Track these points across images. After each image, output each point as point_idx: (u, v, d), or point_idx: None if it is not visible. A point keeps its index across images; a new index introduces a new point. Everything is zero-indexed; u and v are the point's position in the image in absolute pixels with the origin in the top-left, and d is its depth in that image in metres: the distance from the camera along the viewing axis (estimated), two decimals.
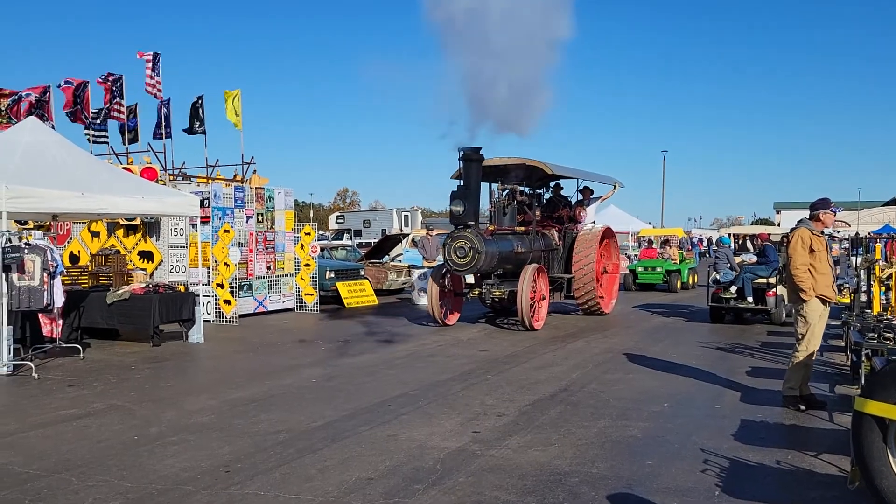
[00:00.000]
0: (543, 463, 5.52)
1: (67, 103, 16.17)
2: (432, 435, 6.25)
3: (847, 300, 11.36)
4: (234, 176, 16.75)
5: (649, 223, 47.51)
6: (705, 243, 47.38)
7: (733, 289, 13.83)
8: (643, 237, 27.30)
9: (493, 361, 9.92)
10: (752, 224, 68.33)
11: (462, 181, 12.54)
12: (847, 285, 11.74)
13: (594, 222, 16.25)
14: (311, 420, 6.72)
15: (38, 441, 6.04)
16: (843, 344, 10.26)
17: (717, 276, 14.26)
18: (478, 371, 9.20)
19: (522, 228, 14.34)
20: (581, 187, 16.40)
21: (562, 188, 16.40)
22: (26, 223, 15.02)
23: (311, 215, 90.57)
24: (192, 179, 16.13)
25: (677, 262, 22.90)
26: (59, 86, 15.98)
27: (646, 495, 4.86)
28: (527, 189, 15.43)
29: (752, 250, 17.68)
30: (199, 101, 16.41)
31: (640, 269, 22.87)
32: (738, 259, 14.87)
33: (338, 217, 41.08)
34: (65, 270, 10.16)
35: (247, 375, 8.98)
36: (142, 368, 9.33)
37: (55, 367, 9.30)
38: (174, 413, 6.99)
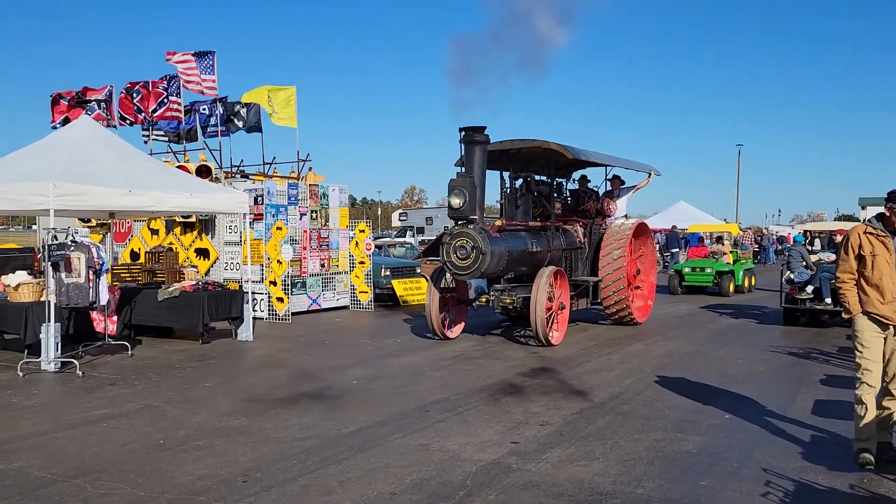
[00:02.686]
0: (584, 480, 5.04)
1: (127, 106, 16.38)
2: (467, 445, 5.85)
3: None
4: (290, 173, 16.69)
5: (724, 220, 45.82)
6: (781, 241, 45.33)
7: (809, 289, 12.92)
8: (691, 234, 24.20)
9: (545, 364, 9.44)
10: (834, 220, 65.12)
11: (464, 167, 10.67)
12: None
13: (626, 216, 14.15)
14: (342, 425, 6.42)
15: (64, 443, 5.92)
16: None
17: (792, 276, 13.36)
18: (527, 375, 8.74)
19: (538, 224, 12.26)
20: (610, 176, 14.27)
21: (588, 180, 14.26)
22: (89, 221, 15.35)
23: (379, 213, 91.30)
24: (249, 177, 16.15)
25: (730, 261, 20.16)
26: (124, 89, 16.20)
27: None
28: (545, 178, 13.07)
29: (819, 247, 16.53)
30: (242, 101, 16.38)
31: (686, 269, 20.13)
32: (815, 257, 13.91)
33: (401, 214, 41.07)
34: (110, 268, 10.16)
35: (288, 376, 8.77)
36: (185, 367, 9.24)
37: (102, 365, 9.31)
38: (206, 415, 6.80)
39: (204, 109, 16.06)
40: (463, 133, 10.55)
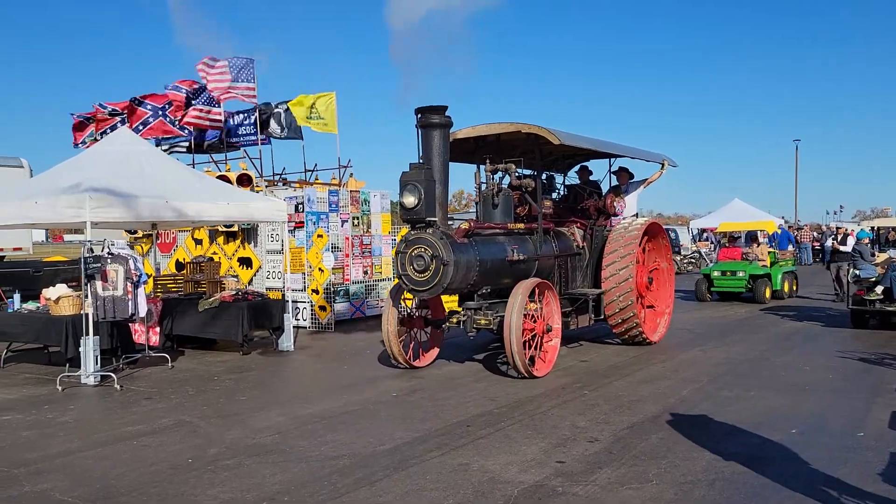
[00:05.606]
0: None
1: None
2: (509, 465, 5.46)
3: None
4: (332, 180, 16.53)
5: (782, 217, 44.29)
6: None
7: (879, 289, 12.13)
8: (721, 233, 20.55)
9: (593, 374, 8.98)
10: None
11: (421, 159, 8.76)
12: None
13: (636, 215, 11.97)
14: (378, 442, 6.09)
15: (92, 463, 5.73)
16: None
17: (859, 274, 12.57)
18: (574, 385, 8.30)
19: (523, 226, 10.09)
20: (615, 168, 12.03)
21: (590, 172, 12.25)
22: (136, 232, 15.45)
23: None
24: (290, 184, 16.04)
25: (767, 263, 17.80)
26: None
27: None
28: (532, 171, 10.88)
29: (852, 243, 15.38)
30: (280, 107, 16.26)
31: (715, 273, 17.83)
32: (884, 256, 13.08)
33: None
34: (148, 279, 10.07)
35: (326, 388, 8.52)
36: (224, 379, 9.06)
37: (142, 378, 9.20)
38: (238, 432, 6.55)
39: (241, 118, 16.05)
40: (419, 116, 8.62)
